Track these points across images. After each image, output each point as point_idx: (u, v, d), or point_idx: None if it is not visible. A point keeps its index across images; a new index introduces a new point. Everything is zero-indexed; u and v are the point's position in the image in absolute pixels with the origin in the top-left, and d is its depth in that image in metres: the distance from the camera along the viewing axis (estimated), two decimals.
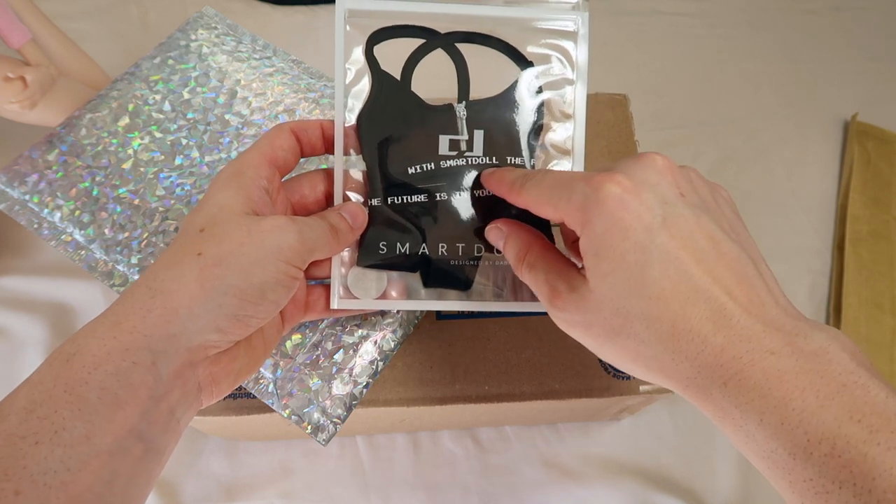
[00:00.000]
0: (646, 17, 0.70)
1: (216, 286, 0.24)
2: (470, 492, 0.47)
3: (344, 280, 0.31)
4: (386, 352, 0.34)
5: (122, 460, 0.21)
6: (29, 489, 0.19)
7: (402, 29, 0.31)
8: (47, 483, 0.19)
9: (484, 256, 0.32)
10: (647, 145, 0.45)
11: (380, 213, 0.31)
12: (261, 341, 0.28)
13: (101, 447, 0.21)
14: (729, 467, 0.49)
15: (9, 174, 0.37)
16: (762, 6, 0.71)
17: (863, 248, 0.56)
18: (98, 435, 0.21)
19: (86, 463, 0.20)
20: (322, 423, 0.32)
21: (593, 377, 0.37)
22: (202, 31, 0.43)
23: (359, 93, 0.31)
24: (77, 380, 0.21)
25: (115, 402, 0.21)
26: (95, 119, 0.39)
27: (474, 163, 0.31)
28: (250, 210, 0.27)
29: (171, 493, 0.46)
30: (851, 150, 0.61)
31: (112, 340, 0.22)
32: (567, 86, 0.32)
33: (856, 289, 0.54)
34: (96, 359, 0.22)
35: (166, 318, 0.23)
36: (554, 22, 0.31)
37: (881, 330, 0.53)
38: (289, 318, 0.30)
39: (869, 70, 0.68)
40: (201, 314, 0.24)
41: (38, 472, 0.19)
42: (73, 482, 0.20)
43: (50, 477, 0.19)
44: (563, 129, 0.32)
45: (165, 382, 0.23)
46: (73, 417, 0.20)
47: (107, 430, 0.21)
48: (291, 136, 0.30)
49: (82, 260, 0.36)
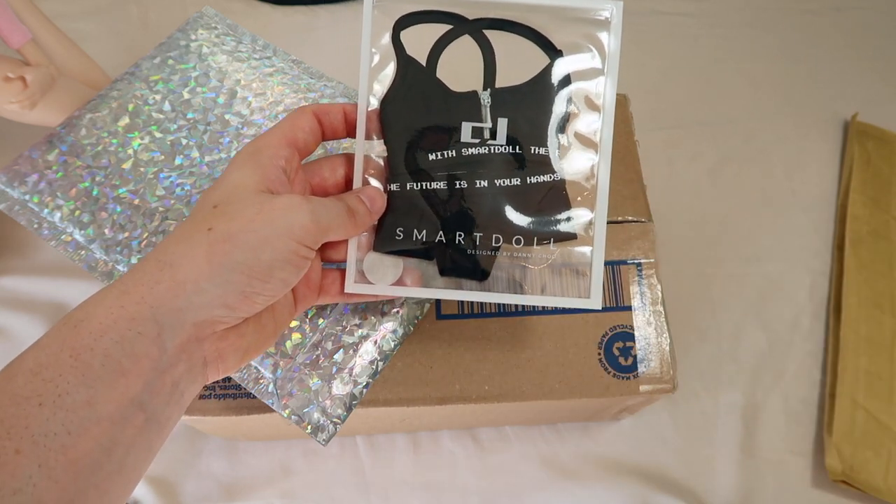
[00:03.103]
0: (646, 17, 0.70)
1: (224, 262, 0.24)
2: (470, 492, 0.47)
3: (360, 264, 0.31)
4: (386, 352, 0.34)
5: (122, 429, 0.21)
6: (29, 449, 0.19)
7: (430, 14, 0.31)
8: (47, 445, 0.20)
9: (502, 247, 0.31)
10: (647, 145, 0.45)
11: (399, 198, 0.31)
12: (271, 320, 0.28)
13: (102, 414, 0.21)
14: (729, 467, 0.49)
15: (9, 174, 0.37)
16: (762, 6, 0.71)
17: (863, 249, 0.56)
18: (100, 402, 0.21)
19: (87, 428, 0.20)
20: (322, 423, 0.32)
21: (593, 377, 0.37)
22: (202, 31, 0.43)
23: (384, 78, 0.31)
24: (83, 346, 0.21)
25: (119, 370, 0.22)
26: (95, 119, 0.39)
27: (497, 151, 0.31)
28: (266, 189, 0.27)
29: (171, 493, 0.46)
30: (851, 150, 0.61)
31: (119, 309, 0.23)
32: (597, 76, 0.31)
33: (856, 289, 0.54)
34: (102, 326, 0.22)
35: (173, 291, 0.23)
36: (586, 11, 0.31)
37: (881, 330, 0.53)
38: (301, 299, 0.30)
39: (869, 70, 0.68)
40: (208, 289, 0.24)
41: (40, 433, 0.20)
42: (72, 446, 0.20)
43: (50, 439, 0.20)
44: (590, 121, 0.31)
45: (170, 355, 0.23)
46: (76, 382, 0.21)
47: (109, 397, 0.21)
48: (313, 119, 0.30)
49: (82, 260, 0.36)
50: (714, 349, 0.53)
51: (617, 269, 0.40)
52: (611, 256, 0.40)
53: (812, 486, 0.49)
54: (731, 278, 0.56)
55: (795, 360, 0.53)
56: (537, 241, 0.31)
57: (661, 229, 0.42)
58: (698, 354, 0.53)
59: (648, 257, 0.40)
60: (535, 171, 0.31)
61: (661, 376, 0.38)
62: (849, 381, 0.50)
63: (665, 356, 0.38)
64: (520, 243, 0.31)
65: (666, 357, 0.38)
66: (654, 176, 0.45)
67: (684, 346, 0.52)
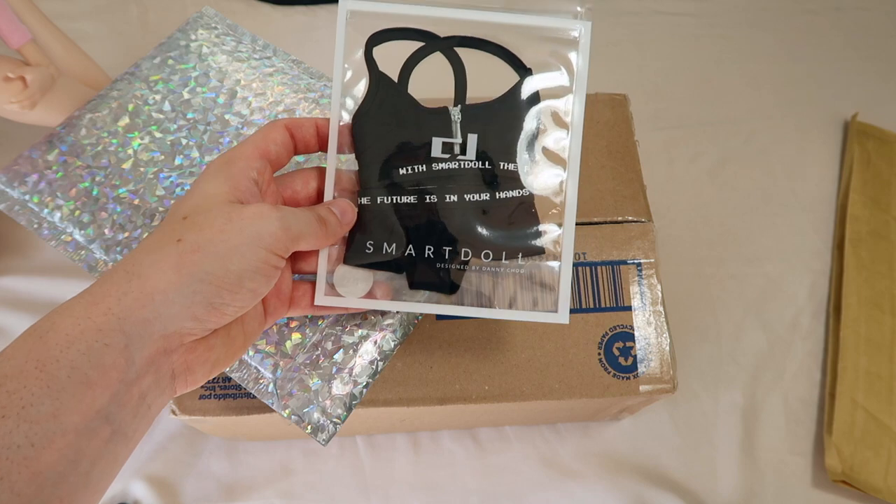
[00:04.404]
0: (646, 17, 0.70)
1: (193, 273, 0.24)
2: (470, 492, 0.47)
3: (330, 277, 0.31)
4: (386, 352, 0.34)
5: (88, 441, 0.21)
6: None
7: (402, 31, 0.31)
8: (10, 458, 0.19)
9: (472, 261, 0.31)
10: (647, 145, 0.45)
11: (369, 212, 0.31)
12: (240, 332, 0.28)
13: (67, 426, 0.20)
14: (729, 467, 0.49)
15: (9, 174, 0.37)
16: (762, 6, 0.71)
17: (862, 249, 0.56)
18: (65, 413, 0.21)
19: (51, 440, 0.20)
20: (322, 423, 0.32)
21: (593, 377, 0.37)
22: (202, 31, 0.43)
23: (356, 93, 0.31)
24: (49, 357, 0.21)
25: (85, 382, 0.21)
26: (95, 119, 0.39)
27: (467, 167, 0.31)
28: (236, 199, 0.27)
29: (171, 493, 0.46)
30: (851, 150, 0.61)
31: (86, 320, 0.22)
32: (566, 94, 0.32)
33: (856, 289, 0.54)
34: (69, 337, 0.22)
35: (141, 301, 0.23)
36: (555, 30, 0.31)
37: (881, 330, 0.53)
38: (272, 311, 0.30)
39: (869, 70, 0.68)
40: (176, 300, 0.23)
41: (2, 445, 0.19)
42: (36, 458, 0.20)
43: (13, 451, 0.19)
44: (559, 137, 0.32)
45: (138, 367, 0.23)
46: (41, 394, 0.20)
47: (75, 409, 0.21)
48: (285, 132, 0.30)
49: (82, 260, 0.36)
50: (714, 349, 0.53)
51: (617, 269, 0.40)
52: (611, 256, 0.40)
53: (812, 486, 0.49)
54: (731, 278, 0.56)
55: (795, 360, 0.53)
56: (506, 256, 0.31)
57: (661, 229, 0.42)
58: (698, 354, 0.53)
59: (648, 257, 0.40)
60: (504, 187, 0.31)
61: (661, 376, 0.38)
62: (849, 381, 0.50)
63: (665, 356, 0.38)
64: (489, 257, 0.31)
65: (666, 357, 0.38)
66: (654, 176, 0.45)
67: (684, 346, 0.52)
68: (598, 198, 0.42)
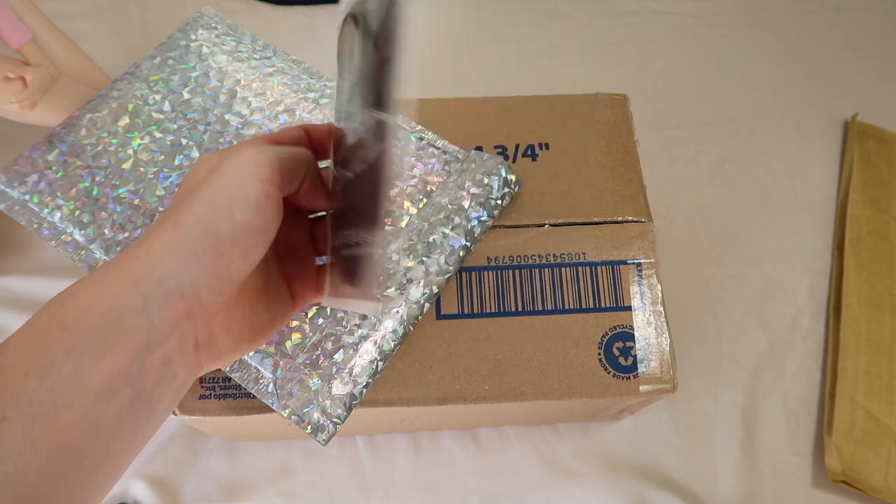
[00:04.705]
0: (646, 17, 0.70)
1: (189, 222, 0.24)
2: (470, 492, 0.47)
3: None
4: (386, 352, 0.34)
5: (108, 403, 0.21)
6: (14, 417, 0.20)
7: None
8: (32, 413, 0.20)
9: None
10: (647, 145, 0.45)
11: None
12: (265, 309, 0.28)
13: (88, 386, 0.21)
14: (729, 467, 0.49)
15: (9, 174, 0.37)
16: (762, 6, 0.71)
17: (862, 249, 0.56)
18: (87, 374, 0.21)
19: (72, 400, 0.20)
20: (322, 423, 0.32)
21: (593, 377, 0.37)
22: (202, 31, 0.43)
23: None
24: (70, 319, 0.22)
25: (106, 343, 0.22)
26: (95, 119, 0.39)
27: None
28: None
29: (171, 493, 0.46)
30: (851, 150, 0.61)
31: (103, 286, 0.23)
32: None
33: (856, 289, 0.54)
34: (89, 301, 0.22)
35: (152, 262, 0.23)
36: None
37: (881, 330, 0.53)
38: (299, 294, 0.30)
39: (869, 70, 0.68)
40: (181, 252, 0.24)
41: (25, 402, 0.20)
42: (57, 416, 0.20)
43: (35, 408, 0.20)
44: None
45: (159, 330, 0.23)
46: (63, 354, 0.21)
47: (96, 369, 0.21)
48: (301, 130, 0.30)
49: (82, 260, 0.36)
50: (714, 349, 0.53)
51: (617, 269, 0.40)
52: (611, 256, 0.40)
53: (812, 486, 0.49)
54: (731, 278, 0.56)
55: (795, 360, 0.53)
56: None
57: (661, 229, 0.42)
58: (698, 354, 0.53)
59: (648, 257, 0.40)
60: None
61: (661, 376, 0.38)
62: (849, 381, 0.50)
63: (665, 356, 0.38)
64: None
65: (666, 357, 0.38)
66: (654, 176, 0.45)
67: (684, 346, 0.52)
68: (598, 198, 0.42)
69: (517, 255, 0.40)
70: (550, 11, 0.70)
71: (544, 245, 0.40)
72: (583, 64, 0.67)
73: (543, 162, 0.43)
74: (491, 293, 0.39)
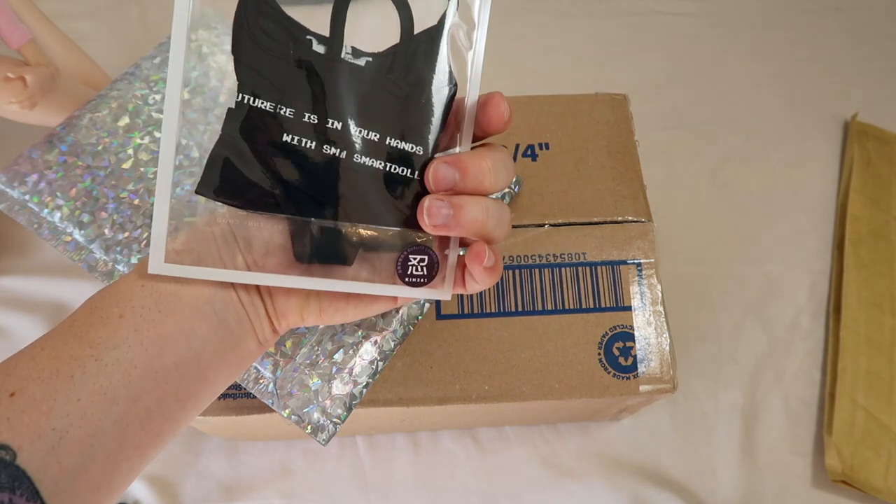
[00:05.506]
0: (646, 17, 0.70)
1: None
2: (470, 492, 0.47)
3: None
4: (386, 352, 0.34)
5: (200, 322, 0.25)
6: (130, 315, 0.24)
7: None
8: (143, 316, 0.24)
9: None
10: (647, 145, 0.45)
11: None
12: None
13: (184, 302, 0.24)
14: (729, 467, 0.49)
15: (9, 174, 0.37)
16: (762, 6, 0.71)
17: (862, 249, 0.56)
18: (183, 294, 0.25)
19: (173, 311, 0.24)
20: (322, 423, 0.32)
21: (593, 377, 0.37)
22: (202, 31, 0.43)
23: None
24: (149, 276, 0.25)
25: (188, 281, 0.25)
26: (95, 119, 0.39)
27: None
28: None
29: (171, 493, 0.46)
30: (851, 150, 0.61)
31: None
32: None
33: (856, 289, 0.54)
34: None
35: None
36: None
37: (881, 330, 0.53)
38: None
39: (869, 70, 0.68)
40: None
41: (139, 305, 0.24)
42: (160, 322, 0.24)
43: (146, 311, 0.24)
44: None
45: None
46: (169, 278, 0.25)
47: (188, 292, 0.25)
48: None
49: (82, 260, 0.36)
50: (714, 349, 0.53)
51: (617, 269, 0.40)
52: (611, 256, 0.40)
53: (812, 486, 0.49)
54: (731, 278, 0.56)
55: (795, 360, 0.53)
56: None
57: (661, 229, 0.42)
58: (698, 354, 0.53)
59: (648, 257, 0.40)
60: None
61: (661, 376, 0.38)
62: (849, 381, 0.50)
63: (665, 356, 0.38)
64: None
65: (666, 357, 0.38)
66: (654, 176, 0.45)
67: (684, 346, 0.52)
68: (598, 198, 0.42)
69: (517, 255, 0.40)
70: (550, 11, 0.70)
71: (544, 245, 0.40)
72: (583, 64, 0.67)
73: (543, 162, 0.43)
74: (491, 293, 0.39)
